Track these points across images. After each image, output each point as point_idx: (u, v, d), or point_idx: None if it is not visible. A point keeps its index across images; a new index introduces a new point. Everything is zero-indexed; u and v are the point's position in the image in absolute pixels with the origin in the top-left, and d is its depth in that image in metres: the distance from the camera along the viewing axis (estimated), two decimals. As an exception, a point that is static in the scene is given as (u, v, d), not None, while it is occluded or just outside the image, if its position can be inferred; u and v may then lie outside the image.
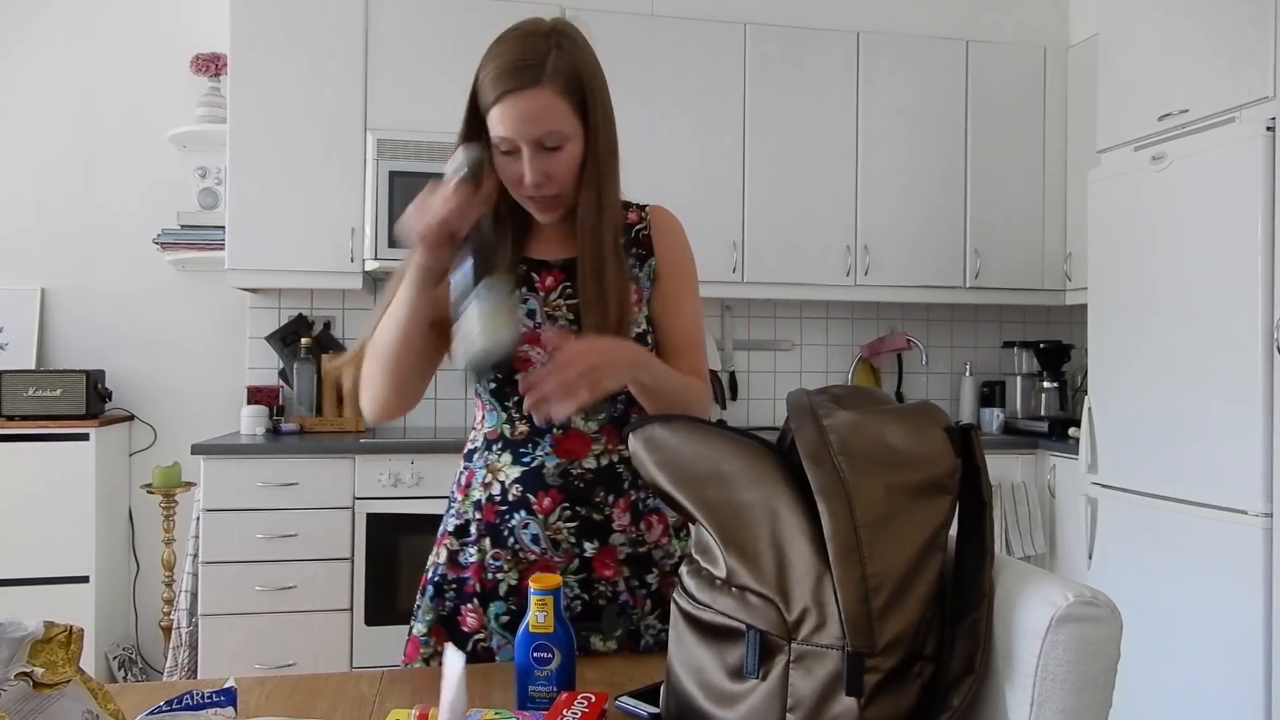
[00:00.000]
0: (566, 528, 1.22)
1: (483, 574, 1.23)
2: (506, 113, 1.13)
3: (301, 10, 3.08)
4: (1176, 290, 2.55)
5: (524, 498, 1.22)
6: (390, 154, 3.06)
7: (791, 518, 0.81)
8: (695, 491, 0.86)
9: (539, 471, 1.22)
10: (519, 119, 1.13)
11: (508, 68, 1.14)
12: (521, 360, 1.21)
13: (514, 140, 1.15)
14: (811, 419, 0.83)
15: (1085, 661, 0.77)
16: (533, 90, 1.13)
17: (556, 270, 1.26)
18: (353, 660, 2.84)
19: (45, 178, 3.28)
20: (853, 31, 3.45)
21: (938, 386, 3.87)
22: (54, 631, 0.78)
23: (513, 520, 1.23)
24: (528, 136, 1.14)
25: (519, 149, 1.15)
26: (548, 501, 1.22)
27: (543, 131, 1.14)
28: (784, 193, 3.37)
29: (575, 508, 1.22)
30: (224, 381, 3.38)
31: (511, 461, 1.24)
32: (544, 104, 1.14)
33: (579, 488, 1.22)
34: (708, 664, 0.84)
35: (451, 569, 1.26)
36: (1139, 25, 2.76)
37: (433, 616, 1.25)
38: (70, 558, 2.94)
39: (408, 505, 2.86)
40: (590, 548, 1.22)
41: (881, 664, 0.77)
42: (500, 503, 1.24)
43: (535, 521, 1.22)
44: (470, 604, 1.24)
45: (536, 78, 1.13)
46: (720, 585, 0.84)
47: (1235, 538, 2.34)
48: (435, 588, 1.26)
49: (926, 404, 0.88)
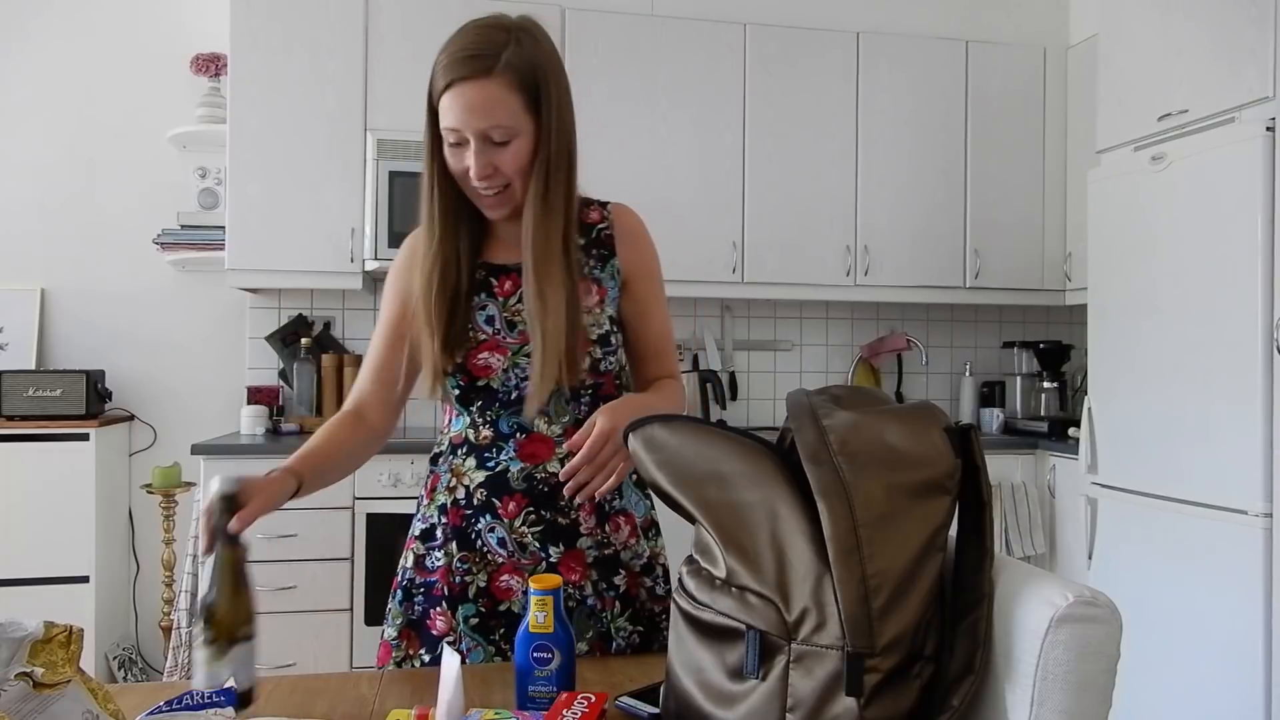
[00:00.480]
0: (531, 532, 1.21)
1: (450, 577, 1.23)
2: (455, 101, 1.12)
3: (301, 10, 3.08)
4: (1176, 290, 2.55)
5: (489, 502, 1.22)
6: (390, 154, 3.06)
7: (791, 518, 0.81)
8: (695, 492, 0.86)
9: (503, 476, 1.22)
10: (466, 108, 1.12)
11: (460, 55, 1.13)
12: (481, 368, 1.22)
13: (460, 131, 1.13)
14: (811, 419, 0.83)
15: (1085, 661, 0.77)
16: (483, 80, 1.12)
17: (514, 274, 1.24)
18: (352, 660, 2.84)
19: (45, 178, 3.28)
20: (852, 31, 3.45)
21: (938, 387, 3.87)
22: (54, 631, 0.78)
23: (479, 524, 1.22)
24: (474, 127, 1.13)
25: (466, 141, 1.14)
26: (513, 506, 1.21)
27: (489, 124, 1.13)
28: (784, 193, 3.37)
29: (540, 511, 1.22)
30: (224, 381, 3.39)
31: (476, 466, 1.24)
32: (493, 95, 1.12)
33: (543, 491, 1.22)
34: (707, 664, 0.84)
35: (419, 573, 1.26)
36: (1139, 25, 2.76)
37: (402, 620, 1.25)
38: (70, 558, 2.94)
39: (408, 505, 2.84)
40: (555, 552, 1.22)
41: (881, 664, 0.77)
42: (466, 507, 1.23)
43: (501, 525, 1.22)
44: (439, 607, 1.23)
45: (488, 68, 1.12)
46: (720, 585, 0.84)
47: (1235, 538, 2.34)
48: (404, 591, 1.27)
49: (926, 404, 0.88)
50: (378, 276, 3.35)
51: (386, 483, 2.85)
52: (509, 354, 1.22)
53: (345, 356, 3.29)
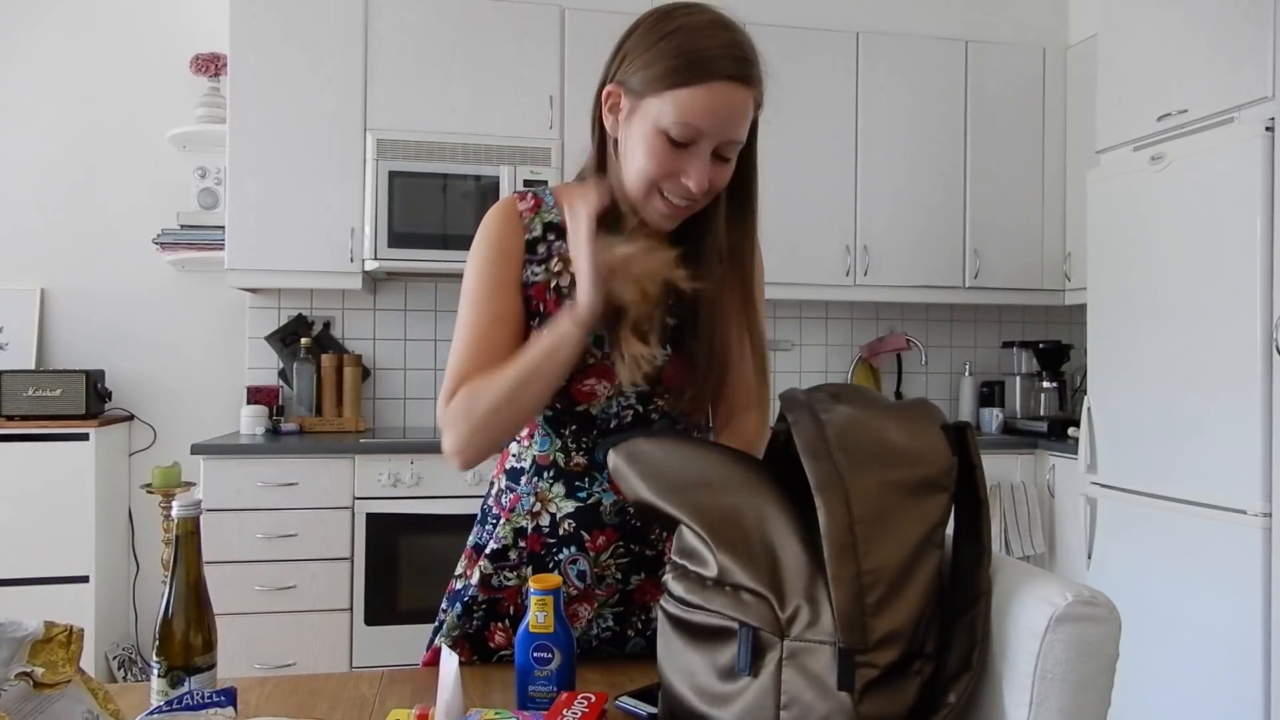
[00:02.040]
0: (616, 564, 1.16)
1: (519, 599, 1.17)
2: (718, 99, 1.00)
3: (301, 10, 3.08)
4: (1176, 290, 2.55)
5: (577, 534, 1.15)
6: (390, 154, 3.06)
7: (781, 520, 0.81)
8: (685, 498, 0.86)
9: (595, 509, 1.15)
10: (730, 114, 1.01)
11: (739, 53, 1.01)
12: (585, 393, 1.13)
13: (704, 131, 1.01)
14: (809, 413, 0.83)
15: (1084, 661, 0.77)
16: (749, 90, 1.02)
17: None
18: (352, 660, 2.84)
19: (45, 178, 3.28)
20: (852, 32, 3.45)
21: (937, 386, 3.87)
22: (54, 631, 0.78)
23: (560, 555, 1.15)
24: (725, 135, 1.02)
25: (698, 144, 1.02)
26: (602, 540, 1.15)
27: (738, 135, 1.04)
28: (784, 193, 3.37)
29: (630, 545, 1.16)
30: (224, 381, 3.39)
31: (565, 495, 1.16)
32: (748, 108, 1.03)
33: (635, 526, 1.15)
34: (699, 667, 0.84)
35: (484, 590, 1.17)
36: (1138, 25, 2.76)
37: (459, 633, 1.18)
38: (70, 558, 2.94)
39: (408, 505, 2.86)
40: (636, 580, 1.17)
41: (876, 660, 0.77)
42: (549, 535, 1.16)
43: (585, 559, 1.15)
44: (502, 623, 1.18)
45: (756, 77, 1.03)
46: (712, 585, 0.84)
47: (1234, 537, 2.35)
48: (464, 607, 1.18)
49: (923, 402, 0.88)
50: (377, 276, 3.36)
51: (386, 483, 2.85)
52: (616, 381, 1.12)
53: (345, 356, 3.29)
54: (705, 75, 0.99)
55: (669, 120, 1.01)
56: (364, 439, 2.98)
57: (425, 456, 2.88)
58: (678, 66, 1.00)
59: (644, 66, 1.02)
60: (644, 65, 1.02)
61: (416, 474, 2.87)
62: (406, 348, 3.49)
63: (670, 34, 1.01)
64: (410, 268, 3.14)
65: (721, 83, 1.00)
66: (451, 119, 3.15)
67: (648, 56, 1.02)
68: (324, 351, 3.33)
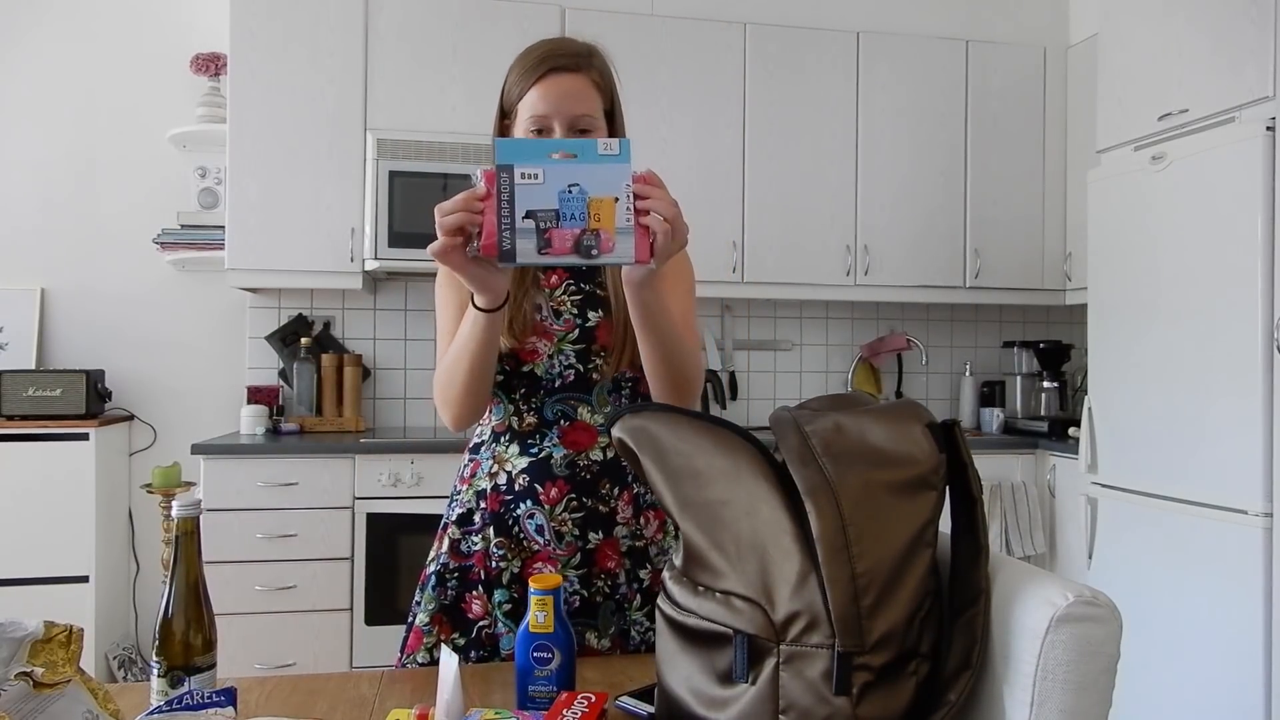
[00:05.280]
0: (571, 519, 1.24)
1: (487, 561, 1.25)
2: (549, 89, 1.21)
3: (301, 10, 3.08)
4: (1176, 290, 2.55)
5: (531, 487, 1.25)
6: (390, 154, 3.06)
7: (773, 517, 0.80)
8: (673, 487, 0.85)
9: (546, 462, 1.25)
10: (561, 95, 1.20)
11: (554, 51, 1.23)
12: (529, 352, 1.26)
13: (550, 117, 1.20)
14: (794, 427, 0.83)
15: (1085, 661, 0.77)
16: (575, 74, 1.22)
17: (559, 268, 1.31)
18: (352, 660, 2.84)
19: (45, 178, 3.28)
20: (852, 31, 3.45)
21: (938, 386, 3.87)
22: (54, 631, 0.78)
23: (518, 510, 1.25)
24: (566, 112, 1.20)
25: (552, 129, 1.21)
26: (555, 492, 1.24)
27: (581, 110, 1.21)
28: (784, 193, 3.37)
29: (581, 498, 1.25)
30: (224, 381, 3.39)
31: (519, 452, 1.27)
32: (584, 87, 1.23)
33: (585, 479, 1.25)
34: (696, 670, 0.84)
35: (454, 557, 1.28)
36: (1139, 25, 2.76)
37: (435, 606, 1.26)
38: (70, 558, 2.94)
39: (408, 505, 2.86)
40: (594, 538, 1.25)
41: (872, 662, 0.77)
42: (506, 492, 1.26)
43: (541, 512, 1.24)
44: (475, 590, 1.26)
45: (581, 65, 1.23)
46: (704, 591, 0.84)
47: (1235, 537, 2.34)
48: (437, 577, 1.27)
49: (907, 401, 0.88)
50: (378, 276, 3.36)
51: (386, 483, 2.85)
52: (554, 340, 1.27)
53: (345, 356, 3.29)
54: (535, 73, 1.22)
55: (526, 116, 1.22)
56: (364, 439, 2.98)
57: (425, 456, 2.88)
58: (520, 77, 1.25)
59: (510, 88, 1.27)
60: (510, 86, 1.27)
61: (417, 474, 2.87)
62: (407, 347, 3.49)
63: (520, 58, 1.27)
64: (410, 267, 3.14)
65: (546, 79, 1.21)
66: (451, 119, 3.15)
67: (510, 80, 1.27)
68: (324, 351, 3.33)
